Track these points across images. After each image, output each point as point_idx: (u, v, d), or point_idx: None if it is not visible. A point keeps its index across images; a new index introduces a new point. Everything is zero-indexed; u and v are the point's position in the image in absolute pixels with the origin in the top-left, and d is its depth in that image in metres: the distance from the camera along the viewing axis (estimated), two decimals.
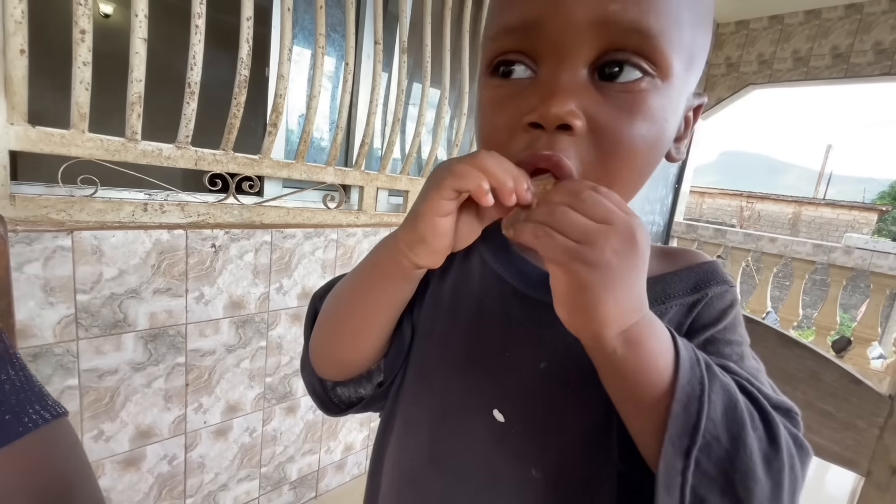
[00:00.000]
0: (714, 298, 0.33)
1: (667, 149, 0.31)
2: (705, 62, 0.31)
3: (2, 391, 0.35)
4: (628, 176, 0.29)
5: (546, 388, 0.32)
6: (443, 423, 0.35)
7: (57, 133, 0.81)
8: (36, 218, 0.82)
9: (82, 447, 0.39)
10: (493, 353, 0.34)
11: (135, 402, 0.99)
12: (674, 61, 0.26)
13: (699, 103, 0.33)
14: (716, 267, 0.34)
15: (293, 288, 1.22)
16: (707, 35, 0.30)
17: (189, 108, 0.95)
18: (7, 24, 0.71)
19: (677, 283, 0.33)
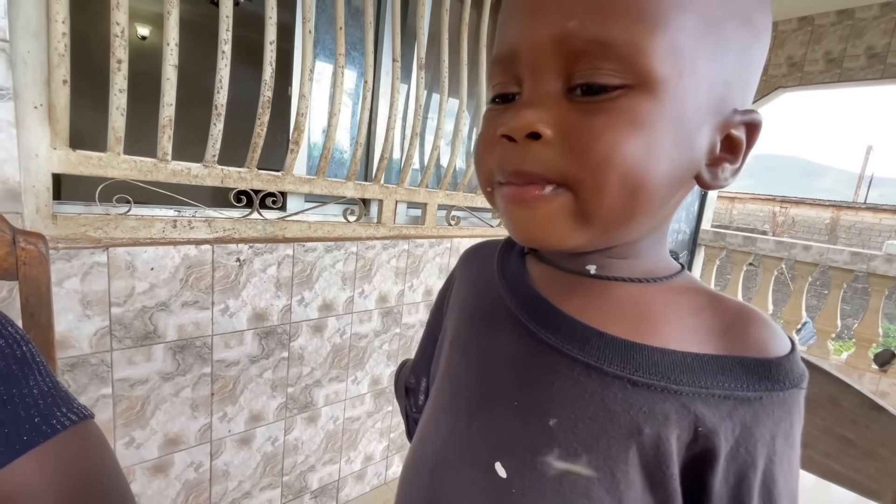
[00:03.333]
0: (768, 408, 0.27)
1: (678, 167, 0.26)
2: (752, 70, 0.28)
3: (30, 395, 0.37)
4: (618, 192, 0.25)
5: (552, 447, 0.29)
6: (445, 467, 0.34)
7: (95, 156, 0.87)
8: (75, 235, 0.88)
9: (110, 448, 0.40)
10: (501, 399, 0.32)
11: (164, 410, 1.04)
12: (657, 69, 0.24)
13: (747, 120, 0.27)
14: (791, 363, 0.28)
15: (314, 300, 1.25)
16: (738, 38, 0.26)
17: (216, 128, 0.99)
18: (52, 57, 0.76)
19: (719, 372, 0.28)
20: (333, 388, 1.36)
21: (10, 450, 0.34)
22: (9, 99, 0.74)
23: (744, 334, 0.29)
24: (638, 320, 0.30)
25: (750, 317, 0.29)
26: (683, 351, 0.28)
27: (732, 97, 0.27)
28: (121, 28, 0.81)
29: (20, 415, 0.35)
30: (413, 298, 1.51)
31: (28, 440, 0.35)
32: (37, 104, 0.79)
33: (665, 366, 0.28)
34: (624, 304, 0.31)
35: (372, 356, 1.44)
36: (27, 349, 0.38)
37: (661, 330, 0.29)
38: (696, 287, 0.32)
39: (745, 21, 0.26)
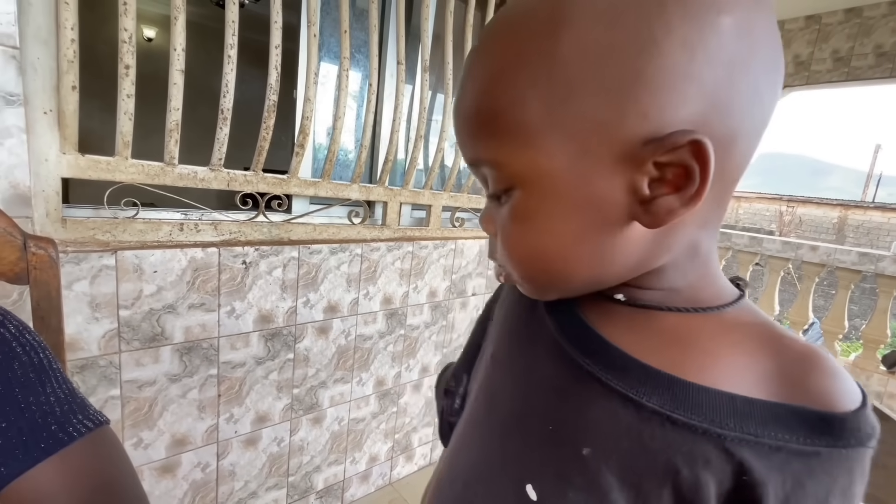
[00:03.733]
0: (826, 464, 0.25)
1: (591, 229, 0.26)
2: (641, 100, 0.23)
3: (47, 403, 0.38)
4: (528, 271, 0.29)
5: (584, 476, 0.29)
6: (478, 483, 0.34)
7: (103, 160, 0.88)
8: (84, 239, 0.89)
9: (125, 453, 0.41)
10: (537, 422, 0.31)
11: (171, 411, 1.05)
12: (520, 172, 0.26)
13: (675, 145, 0.23)
14: (860, 420, 0.26)
15: (319, 302, 1.25)
16: (593, 98, 0.23)
17: (222, 132, 1.00)
18: (61, 64, 0.77)
19: (772, 420, 0.26)
20: (338, 389, 1.37)
21: (29, 458, 0.35)
22: (19, 105, 0.75)
23: (805, 382, 0.27)
24: (682, 354, 0.28)
25: (814, 362, 0.27)
26: (732, 393, 0.26)
27: (627, 135, 0.23)
28: (129, 34, 0.82)
29: (38, 422, 0.36)
30: (418, 300, 1.51)
31: (46, 448, 0.35)
32: (46, 110, 0.80)
33: (710, 406, 0.26)
34: (666, 334, 0.29)
35: (377, 357, 1.45)
36: (44, 356, 0.39)
37: (708, 366, 0.27)
38: (754, 321, 0.29)
39: (594, 82, 0.23)
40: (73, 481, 0.36)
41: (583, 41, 0.23)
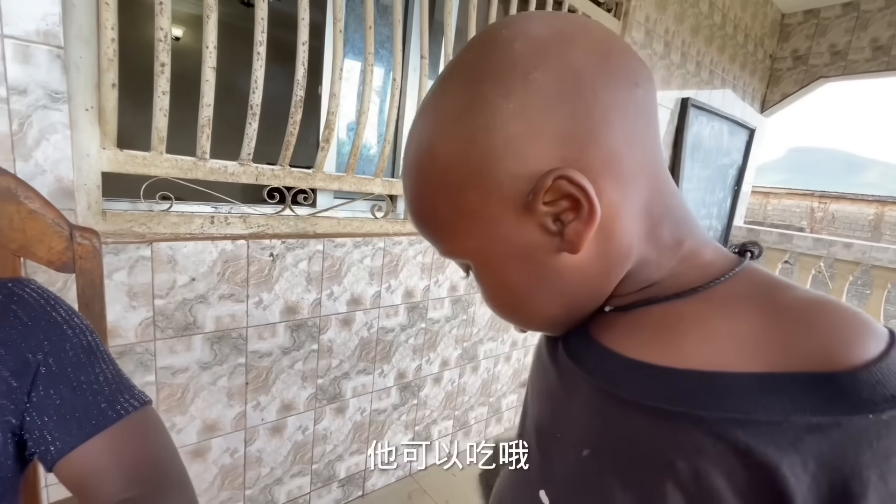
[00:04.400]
0: (857, 437, 0.21)
1: (531, 272, 0.30)
2: (506, 170, 0.27)
3: (97, 382, 0.40)
4: (502, 313, 0.34)
5: (587, 478, 0.29)
6: (508, 491, 0.37)
7: (140, 155, 0.91)
8: (122, 231, 0.92)
9: (167, 431, 0.44)
10: (548, 430, 0.34)
11: (202, 398, 1.08)
12: (459, 254, 0.32)
13: (545, 188, 0.26)
14: (879, 373, 0.22)
15: (343, 294, 1.28)
16: (476, 196, 0.28)
17: (251, 128, 1.02)
18: (102, 62, 0.81)
19: (763, 393, 0.23)
20: (361, 380, 1.39)
21: (82, 433, 0.37)
22: (63, 102, 0.79)
23: (803, 341, 0.24)
24: (665, 341, 0.28)
25: (814, 316, 0.25)
26: (709, 371, 0.25)
27: (513, 195, 0.27)
28: (164, 33, 0.85)
29: (89, 400, 0.38)
30: (438, 294, 1.52)
31: (96, 424, 0.38)
32: (88, 107, 0.83)
33: (688, 389, 0.25)
34: (652, 327, 0.30)
35: (398, 350, 1.46)
36: (92, 339, 0.42)
37: (689, 349, 0.27)
38: (749, 289, 0.28)
39: (473, 191, 0.28)
40: (122, 456, 0.38)
41: (451, 160, 0.28)
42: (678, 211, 0.31)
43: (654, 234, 0.30)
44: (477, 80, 0.27)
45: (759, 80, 2.86)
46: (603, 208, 0.27)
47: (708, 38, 2.30)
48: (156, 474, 0.38)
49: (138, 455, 0.39)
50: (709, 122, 2.53)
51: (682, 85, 2.26)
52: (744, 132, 2.90)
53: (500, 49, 0.27)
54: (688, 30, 2.15)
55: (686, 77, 2.26)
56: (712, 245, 0.31)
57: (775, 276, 0.29)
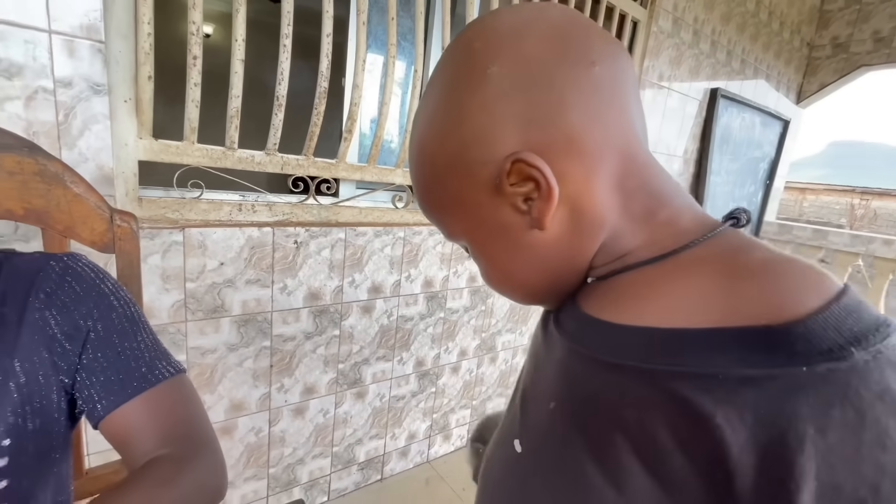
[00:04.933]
0: (793, 391, 0.21)
1: (516, 249, 0.33)
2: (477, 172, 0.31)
3: (138, 349, 0.43)
4: (509, 293, 0.37)
5: (553, 429, 0.32)
6: (493, 447, 0.40)
7: (173, 145, 0.95)
8: (156, 217, 0.97)
9: (199, 398, 0.47)
10: (530, 388, 0.38)
11: (229, 378, 1.14)
12: (459, 232, 0.35)
13: (508, 167, 0.29)
14: (816, 326, 0.22)
15: (364, 282, 1.31)
16: (456, 183, 0.32)
17: (277, 118, 1.06)
18: (139, 56, 0.85)
19: (705, 348, 0.24)
20: (380, 366, 1.43)
21: (124, 394, 0.40)
22: (104, 94, 0.83)
23: (750, 298, 0.24)
24: (628, 302, 0.30)
25: (765, 274, 0.25)
26: (665, 328, 0.26)
27: (485, 179, 0.30)
28: (196, 27, 0.88)
29: (131, 365, 0.42)
30: (457, 284, 1.54)
31: (137, 386, 0.41)
32: (126, 98, 0.88)
33: (637, 344, 0.27)
34: (623, 291, 0.31)
35: (417, 338, 1.49)
36: (135, 310, 0.45)
37: (646, 308, 0.28)
38: (719, 252, 0.28)
39: (454, 177, 0.32)
40: (158, 416, 0.41)
41: (434, 153, 0.32)
42: (653, 182, 0.32)
43: (627, 207, 0.31)
44: (447, 81, 0.31)
45: (795, 70, 2.75)
46: (568, 185, 0.29)
47: (740, 26, 2.22)
48: (188, 434, 0.42)
49: (173, 416, 0.42)
50: (739, 114, 2.45)
51: (712, 75, 2.19)
52: (777, 124, 2.79)
53: (463, 49, 0.31)
54: (718, 18, 2.08)
55: (716, 67, 2.19)
56: (692, 214, 0.32)
57: (751, 239, 0.29)
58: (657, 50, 1.86)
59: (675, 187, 0.33)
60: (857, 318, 0.22)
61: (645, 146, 0.32)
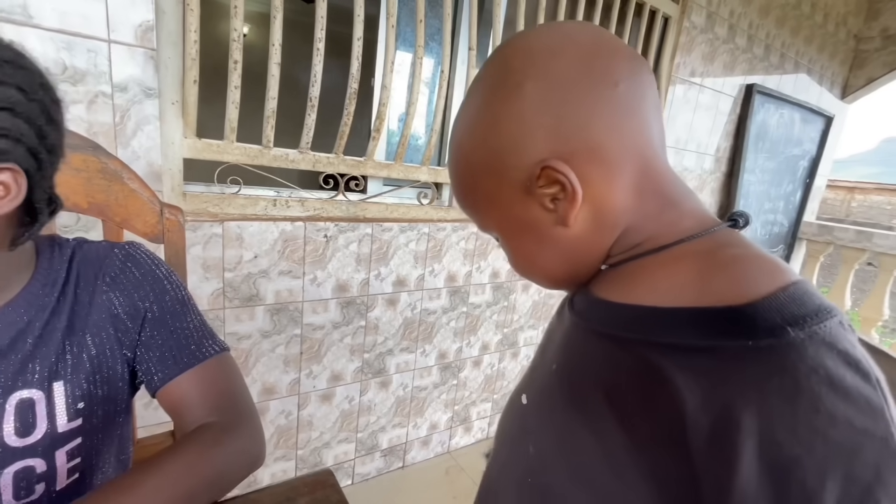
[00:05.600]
0: (737, 363, 0.26)
1: (541, 241, 0.37)
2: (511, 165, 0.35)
3: (188, 328, 0.49)
4: (534, 278, 0.42)
5: (552, 386, 0.38)
6: (508, 401, 0.47)
7: (215, 143, 1.02)
8: (198, 211, 1.05)
9: (241, 374, 0.53)
10: (539, 354, 0.45)
11: (262, 363, 1.21)
12: (493, 225, 0.40)
13: (538, 172, 0.34)
14: (763, 307, 0.26)
15: (389, 276, 1.36)
16: (486, 186, 0.37)
17: (310, 118, 1.11)
18: (186, 61, 0.92)
19: (674, 323, 0.29)
20: (404, 357, 1.48)
21: (176, 368, 0.46)
22: (155, 97, 0.90)
23: (718, 282, 0.29)
24: (625, 285, 0.35)
25: (734, 264, 0.30)
26: (648, 305, 0.31)
27: (518, 181, 0.35)
28: (238, 33, 0.95)
29: (182, 343, 0.47)
30: (480, 280, 1.57)
31: (188, 361, 0.46)
32: (173, 101, 0.95)
33: (623, 317, 0.33)
34: (627, 276, 0.35)
35: (439, 332, 1.53)
36: (185, 293, 0.51)
37: (637, 289, 0.33)
38: (707, 245, 0.33)
39: (490, 178, 0.36)
40: (206, 388, 0.47)
41: (472, 155, 0.37)
42: (666, 187, 0.36)
43: (641, 207, 0.35)
44: (485, 92, 0.35)
45: (840, 63, 2.62)
46: (590, 188, 0.33)
47: (780, 19, 2.14)
48: (232, 405, 0.47)
49: (218, 388, 0.47)
50: (777, 110, 2.36)
51: (748, 70, 2.12)
52: (819, 120, 2.67)
53: (501, 65, 0.35)
54: (756, 11, 2.02)
55: (752, 62, 2.12)
56: (697, 215, 0.35)
57: (738, 239, 0.33)
58: (689, 46, 1.83)
59: (686, 192, 0.37)
60: (799, 304, 0.26)
61: (661, 155, 0.36)
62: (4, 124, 0.35)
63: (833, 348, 0.24)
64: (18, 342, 0.41)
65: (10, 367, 0.40)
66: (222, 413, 0.45)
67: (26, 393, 0.41)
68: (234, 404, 0.47)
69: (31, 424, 0.41)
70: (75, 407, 0.43)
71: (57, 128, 0.39)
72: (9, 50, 0.35)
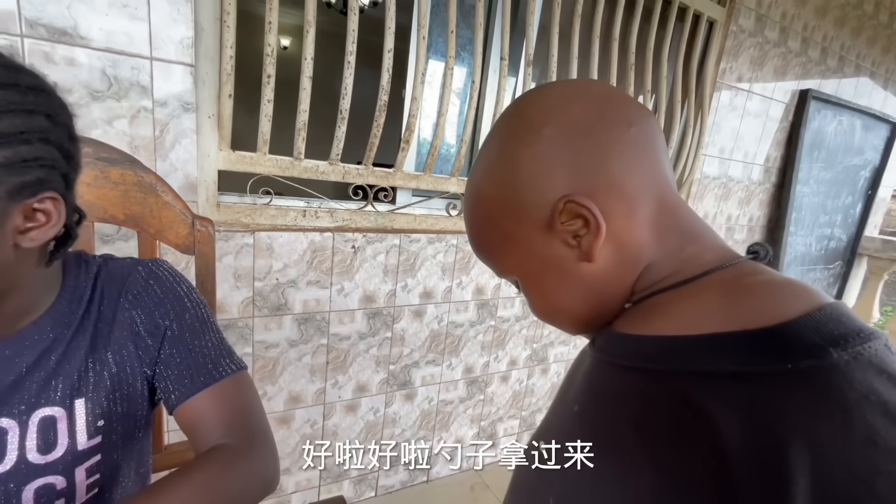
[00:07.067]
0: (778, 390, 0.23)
1: (565, 282, 0.37)
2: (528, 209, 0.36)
3: (206, 347, 0.49)
4: (556, 322, 0.42)
5: (574, 428, 0.37)
6: (524, 450, 0.44)
7: (248, 156, 1.05)
8: (231, 221, 1.07)
9: (257, 393, 0.53)
10: (559, 398, 0.45)
11: (289, 371, 1.22)
12: (507, 273, 0.41)
13: (561, 207, 0.34)
14: (799, 328, 0.25)
15: (416, 287, 1.34)
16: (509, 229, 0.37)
17: (340, 130, 1.12)
18: (222, 76, 0.94)
19: (706, 351, 0.28)
20: (430, 370, 1.46)
21: (193, 387, 0.46)
22: (192, 111, 0.93)
23: (743, 307, 0.28)
24: (648, 318, 0.34)
25: (759, 290, 0.29)
26: (671, 335, 0.30)
27: (540, 219, 0.35)
28: (271, 48, 0.96)
29: (199, 361, 0.47)
30: (509, 293, 1.53)
31: (204, 381, 0.46)
32: (210, 115, 0.98)
33: (648, 350, 0.31)
34: (651, 310, 0.35)
35: (466, 345, 1.50)
36: (205, 311, 0.51)
37: (661, 322, 0.32)
38: (730, 276, 0.32)
39: (510, 218, 0.37)
40: (221, 407, 0.46)
41: (492, 197, 0.38)
42: (684, 221, 0.36)
43: (661, 242, 0.35)
44: (507, 139, 0.37)
45: None
46: (612, 223, 0.33)
47: (839, 20, 2.00)
48: (246, 425, 0.46)
49: (233, 408, 0.47)
50: (835, 117, 2.20)
51: (802, 75, 1.99)
52: (883, 127, 2.47)
53: (521, 115, 0.37)
54: (812, 12, 1.89)
55: (807, 66, 1.99)
56: (717, 250, 0.35)
57: (762, 268, 0.32)
58: (736, 50, 1.73)
59: (705, 228, 0.37)
60: (837, 324, 0.24)
61: (675, 191, 0.37)
62: (41, 154, 0.36)
63: (883, 371, 0.22)
64: (43, 360, 0.42)
65: (34, 385, 0.41)
66: (237, 433, 0.45)
67: (48, 410, 0.42)
68: (248, 423, 0.47)
69: (52, 442, 0.42)
70: (95, 424, 0.44)
71: (76, 143, 0.40)
72: (29, 75, 0.36)
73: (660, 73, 1.57)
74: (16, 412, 0.40)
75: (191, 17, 0.89)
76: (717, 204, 1.96)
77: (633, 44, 1.48)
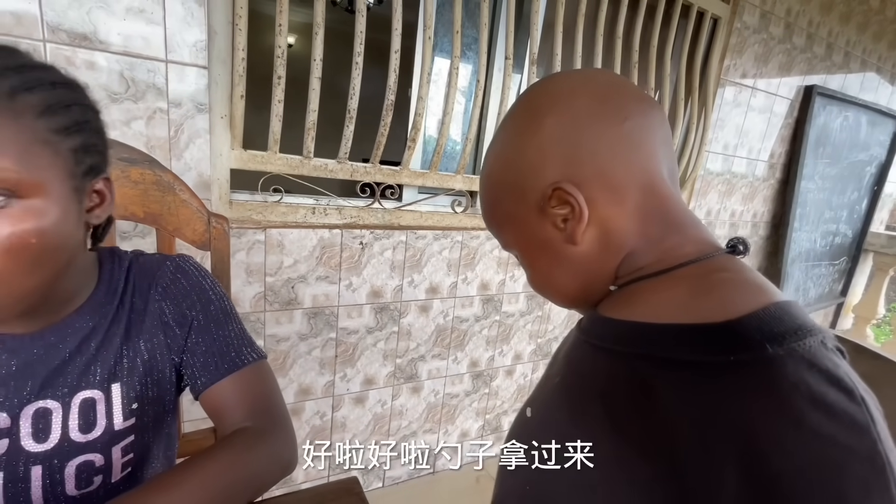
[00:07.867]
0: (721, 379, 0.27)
1: (546, 249, 0.41)
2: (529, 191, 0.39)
3: (229, 336, 0.52)
4: (547, 294, 0.46)
5: (551, 396, 0.42)
6: (518, 413, 0.49)
7: (259, 154, 1.08)
8: (243, 218, 1.10)
9: (276, 381, 0.56)
10: (547, 369, 0.49)
11: (299, 364, 1.25)
12: (511, 241, 0.44)
13: (550, 193, 0.38)
14: (746, 324, 0.28)
15: (422, 283, 1.37)
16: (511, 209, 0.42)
17: (348, 129, 1.15)
18: (234, 78, 0.97)
19: (666, 338, 0.32)
20: (435, 364, 1.49)
21: (217, 374, 0.49)
22: (206, 112, 0.96)
23: (705, 302, 0.31)
24: (625, 305, 0.37)
25: (722, 286, 0.32)
26: (641, 322, 0.34)
27: (534, 201, 0.39)
28: (282, 50, 0.99)
29: (223, 350, 0.50)
30: (514, 289, 1.55)
31: (228, 368, 0.49)
32: (222, 115, 1.01)
33: (620, 333, 0.35)
34: (630, 296, 0.38)
35: (472, 339, 1.53)
36: (228, 303, 0.54)
37: (635, 308, 0.36)
38: (704, 269, 0.34)
39: (511, 198, 0.41)
40: (244, 392, 0.49)
41: (498, 177, 0.42)
42: (670, 213, 0.38)
43: (644, 231, 0.38)
44: (514, 126, 0.41)
45: None
46: (596, 210, 0.37)
47: (844, 16, 2.00)
48: (266, 410, 0.49)
49: (255, 394, 0.50)
50: (840, 113, 2.20)
51: (807, 71, 1.99)
52: (889, 123, 2.47)
53: (528, 104, 0.40)
54: (817, 8, 1.89)
55: (812, 62, 1.99)
56: (699, 242, 0.37)
57: (734, 264, 0.35)
58: (740, 47, 1.74)
59: (692, 220, 0.39)
60: (778, 322, 0.28)
61: (669, 185, 0.39)
62: (96, 141, 0.41)
63: (813, 366, 0.25)
64: (83, 346, 0.45)
65: (76, 369, 0.44)
66: (258, 417, 0.48)
67: (88, 393, 0.45)
68: (269, 409, 0.50)
69: (92, 422, 0.45)
70: (130, 407, 0.47)
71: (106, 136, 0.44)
72: (59, 73, 0.39)
73: (663, 71, 1.58)
74: (59, 394, 0.43)
75: (204, 21, 0.91)
76: (721, 200, 1.97)
77: (636, 41, 1.50)
